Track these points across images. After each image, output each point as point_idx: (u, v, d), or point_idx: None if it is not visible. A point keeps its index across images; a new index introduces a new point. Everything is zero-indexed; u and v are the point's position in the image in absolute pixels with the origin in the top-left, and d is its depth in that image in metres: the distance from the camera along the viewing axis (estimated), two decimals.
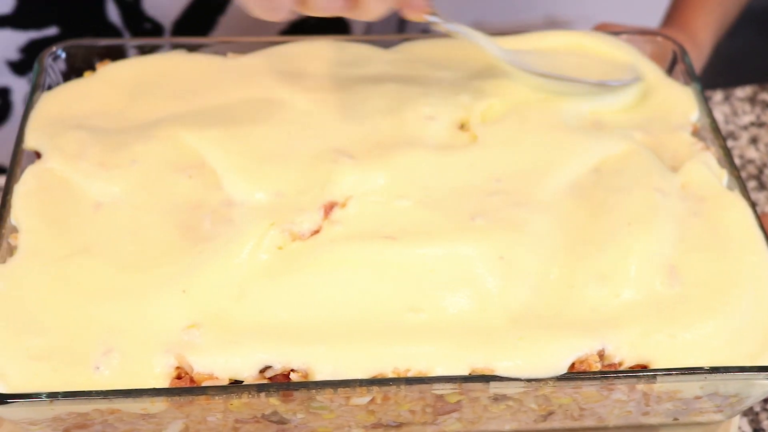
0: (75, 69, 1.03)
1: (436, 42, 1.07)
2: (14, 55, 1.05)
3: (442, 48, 1.06)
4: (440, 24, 0.94)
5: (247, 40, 1.06)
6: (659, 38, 1.07)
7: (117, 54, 1.05)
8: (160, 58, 1.04)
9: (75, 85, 1.01)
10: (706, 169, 0.94)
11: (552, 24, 2.28)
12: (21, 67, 1.03)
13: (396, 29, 1.27)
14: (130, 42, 1.05)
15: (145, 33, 1.21)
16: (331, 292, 0.85)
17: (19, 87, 1.21)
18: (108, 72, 1.02)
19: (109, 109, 0.98)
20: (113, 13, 1.19)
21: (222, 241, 0.87)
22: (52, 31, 1.19)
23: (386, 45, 1.06)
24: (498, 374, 0.80)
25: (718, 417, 0.88)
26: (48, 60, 1.02)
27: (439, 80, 1.02)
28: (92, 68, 1.03)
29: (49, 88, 1.01)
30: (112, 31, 1.20)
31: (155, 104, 0.98)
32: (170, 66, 1.03)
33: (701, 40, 1.20)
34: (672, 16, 1.25)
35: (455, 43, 1.02)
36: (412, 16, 0.91)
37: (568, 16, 2.30)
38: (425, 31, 1.22)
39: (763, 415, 0.98)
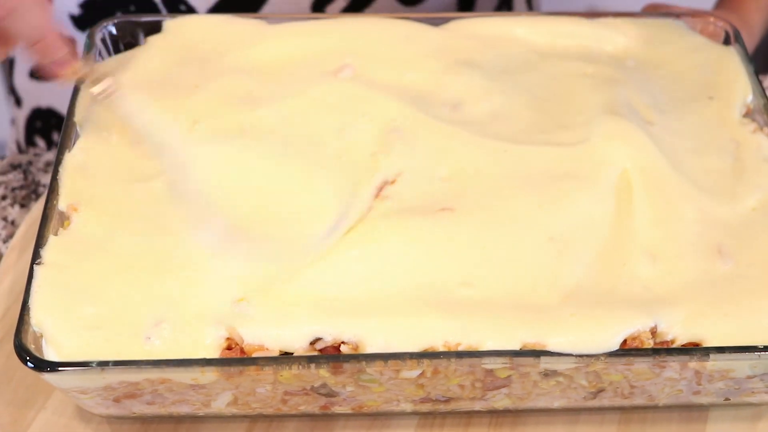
0: (125, 44, 1.04)
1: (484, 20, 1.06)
2: (75, 10, 1.06)
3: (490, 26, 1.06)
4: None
5: (289, 16, 1.07)
6: (712, 19, 1.06)
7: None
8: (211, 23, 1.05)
9: (123, 57, 1.02)
10: (759, 151, 0.94)
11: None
12: (80, 22, 1.04)
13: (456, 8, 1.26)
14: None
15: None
16: (382, 265, 0.85)
17: (81, 41, 1.23)
18: (156, 41, 1.03)
19: (156, 77, 0.99)
20: None
21: None
22: None
23: (436, 23, 1.06)
24: (549, 350, 0.80)
25: None
26: (98, 35, 1.02)
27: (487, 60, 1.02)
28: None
29: None
30: (150, 7, 1.21)
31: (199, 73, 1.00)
32: (218, 32, 1.03)
33: (753, 21, 1.19)
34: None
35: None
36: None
37: (611, 9, 2.29)
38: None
39: None
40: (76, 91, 0.98)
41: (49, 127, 1.30)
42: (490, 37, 1.04)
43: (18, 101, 1.32)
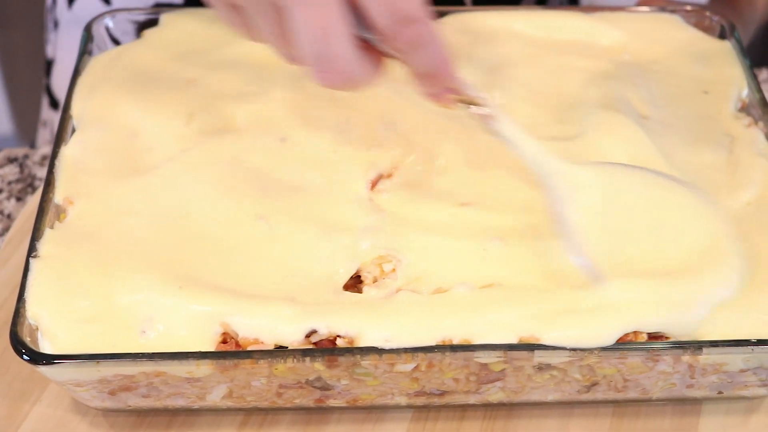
0: (123, 38, 1.04)
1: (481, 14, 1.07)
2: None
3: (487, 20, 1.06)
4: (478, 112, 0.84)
5: None
6: (707, 13, 1.06)
7: None
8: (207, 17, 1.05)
9: (120, 50, 1.02)
10: (753, 145, 0.95)
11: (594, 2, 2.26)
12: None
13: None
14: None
15: None
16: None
17: None
18: (152, 35, 1.04)
19: (152, 70, 0.99)
20: None
21: None
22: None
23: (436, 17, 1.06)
24: (543, 343, 0.80)
25: (762, 391, 0.87)
26: (96, 28, 1.03)
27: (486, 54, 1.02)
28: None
29: None
30: None
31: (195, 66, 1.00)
32: (215, 26, 1.03)
33: (748, 15, 1.20)
34: None
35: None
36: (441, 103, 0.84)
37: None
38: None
39: None
40: (72, 85, 0.98)
41: None
42: (487, 32, 1.04)
43: (55, 104, 1.32)
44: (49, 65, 1.32)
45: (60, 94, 1.30)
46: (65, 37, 1.25)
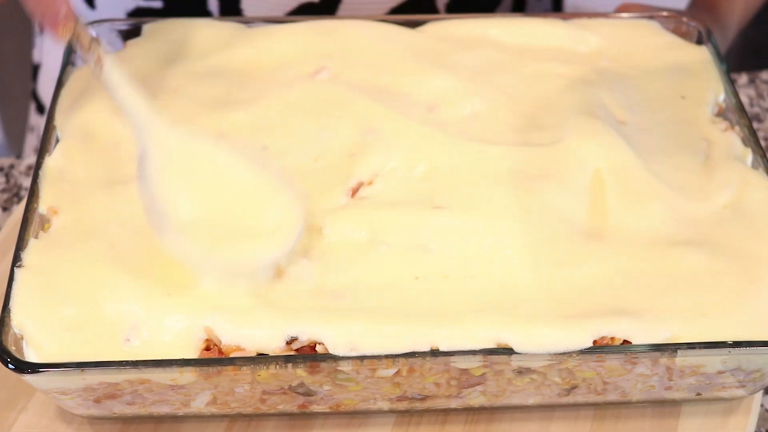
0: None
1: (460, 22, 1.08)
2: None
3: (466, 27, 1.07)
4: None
5: (268, 18, 1.08)
6: (685, 19, 1.07)
7: None
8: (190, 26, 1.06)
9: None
10: (730, 149, 0.96)
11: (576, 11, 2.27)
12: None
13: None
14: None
15: None
16: (354, 270, 0.86)
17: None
18: (135, 45, 1.05)
19: (135, 80, 1.00)
20: (213, 4, 1.21)
21: None
22: (157, 3, 1.21)
23: (413, 25, 1.07)
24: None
25: (740, 392, 0.88)
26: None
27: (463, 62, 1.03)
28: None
29: None
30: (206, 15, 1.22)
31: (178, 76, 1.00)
32: (197, 35, 1.04)
33: (726, 21, 1.21)
34: None
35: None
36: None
37: (594, 6, 2.30)
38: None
39: None
40: (56, 96, 0.99)
41: None
42: (466, 39, 1.06)
43: (41, 108, 1.32)
44: (35, 70, 1.33)
45: (46, 99, 1.31)
46: (50, 41, 1.26)
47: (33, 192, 0.91)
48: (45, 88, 1.31)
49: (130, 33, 1.06)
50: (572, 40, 1.06)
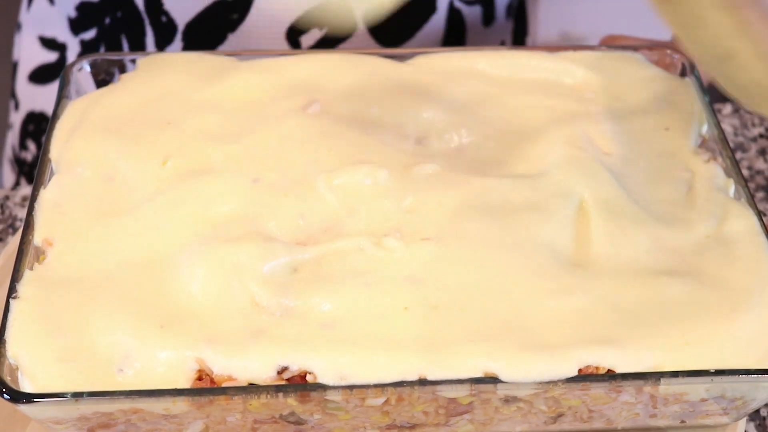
0: (99, 81, 1.07)
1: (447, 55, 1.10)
2: (72, 12, 1.09)
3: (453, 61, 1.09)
4: None
5: (260, 52, 1.10)
6: (669, 51, 1.09)
7: None
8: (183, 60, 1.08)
9: (98, 94, 1.05)
10: (712, 180, 0.98)
11: (566, 39, 2.30)
12: (75, 25, 1.08)
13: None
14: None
15: (161, 26, 1.25)
16: (344, 300, 0.88)
17: (72, 45, 1.29)
18: (129, 79, 1.06)
19: (129, 114, 1.02)
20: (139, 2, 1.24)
21: None
22: None
23: (402, 59, 1.09)
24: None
25: (724, 420, 0.90)
26: (73, 73, 1.05)
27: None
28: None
29: None
30: (135, 15, 1.25)
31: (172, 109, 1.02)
32: (190, 69, 1.07)
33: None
34: None
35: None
36: None
37: (583, 33, 2.33)
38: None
39: None
40: (51, 128, 1.01)
41: (40, 131, 1.34)
42: (453, 72, 1.07)
43: (17, 105, 1.35)
44: (14, 68, 1.36)
45: (22, 96, 1.34)
46: (26, 39, 1.32)
47: (28, 224, 0.92)
48: (21, 85, 1.34)
49: (125, 67, 1.08)
50: (558, 72, 1.08)
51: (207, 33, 1.25)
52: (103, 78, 1.07)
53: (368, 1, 0.94)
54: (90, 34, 1.28)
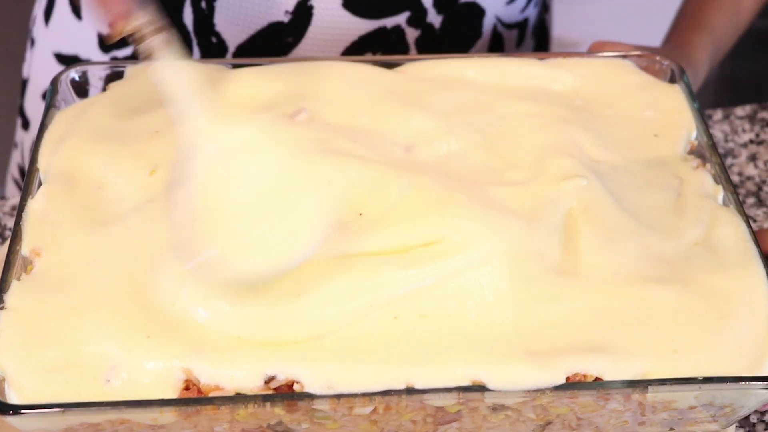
0: (88, 90, 1.07)
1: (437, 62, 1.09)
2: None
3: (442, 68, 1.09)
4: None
5: (250, 60, 1.10)
6: (658, 57, 1.09)
7: None
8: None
9: (86, 104, 1.05)
10: (701, 187, 0.98)
11: (560, 45, 2.30)
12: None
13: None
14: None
15: (210, 47, 1.25)
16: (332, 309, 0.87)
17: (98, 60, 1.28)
18: (117, 88, 1.06)
19: (117, 123, 1.01)
20: (188, 17, 1.23)
21: None
22: None
23: (391, 66, 1.09)
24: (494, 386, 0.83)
25: (713, 427, 0.90)
26: (63, 82, 1.05)
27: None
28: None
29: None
30: (184, 34, 1.24)
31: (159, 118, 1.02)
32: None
33: (698, 59, 1.22)
34: (671, 36, 1.28)
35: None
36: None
37: (577, 38, 2.33)
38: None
39: (759, 426, 1.00)
40: (39, 138, 1.00)
41: None
42: (443, 79, 1.07)
43: (26, 124, 1.34)
44: (23, 85, 1.34)
45: (31, 115, 1.32)
46: (40, 56, 1.28)
47: (16, 234, 0.92)
48: (32, 103, 1.32)
49: (113, 76, 1.07)
50: (548, 79, 1.08)
51: (258, 56, 1.24)
52: (91, 87, 1.07)
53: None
54: (125, 52, 1.27)
